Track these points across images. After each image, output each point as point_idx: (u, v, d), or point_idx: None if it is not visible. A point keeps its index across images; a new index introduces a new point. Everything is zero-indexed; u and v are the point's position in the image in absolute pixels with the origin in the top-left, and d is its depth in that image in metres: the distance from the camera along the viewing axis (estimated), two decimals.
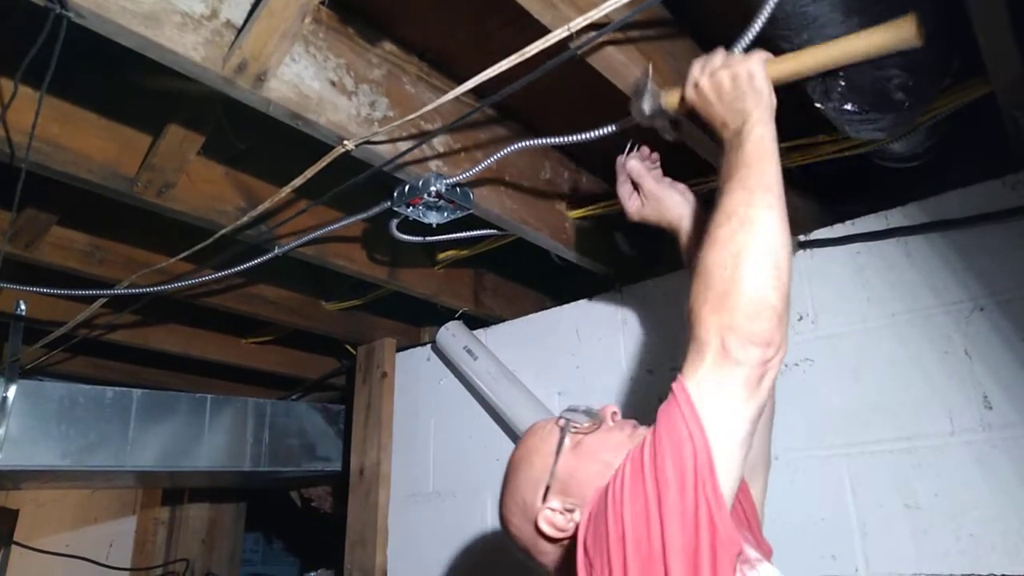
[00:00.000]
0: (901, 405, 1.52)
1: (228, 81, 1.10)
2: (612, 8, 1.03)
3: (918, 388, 1.51)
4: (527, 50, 1.06)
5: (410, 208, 1.45)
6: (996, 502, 1.38)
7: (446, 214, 1.48)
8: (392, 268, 2.02)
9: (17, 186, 1.31)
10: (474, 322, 2.36)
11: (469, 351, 2.22)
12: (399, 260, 2.03)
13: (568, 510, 0.98)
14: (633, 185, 1.29)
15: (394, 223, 1.59)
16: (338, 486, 3.01)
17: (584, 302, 2.14)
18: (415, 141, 1.33)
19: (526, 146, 1.35)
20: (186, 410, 2.43)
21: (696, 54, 1.07)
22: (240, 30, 1.10)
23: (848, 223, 1.68)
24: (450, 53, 1.44)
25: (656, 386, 1.89)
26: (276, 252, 1.64)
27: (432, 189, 1.37)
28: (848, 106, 1.26)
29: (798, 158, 1.49)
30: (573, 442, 1.02)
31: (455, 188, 1.42)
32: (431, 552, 2.24)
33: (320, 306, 2.39)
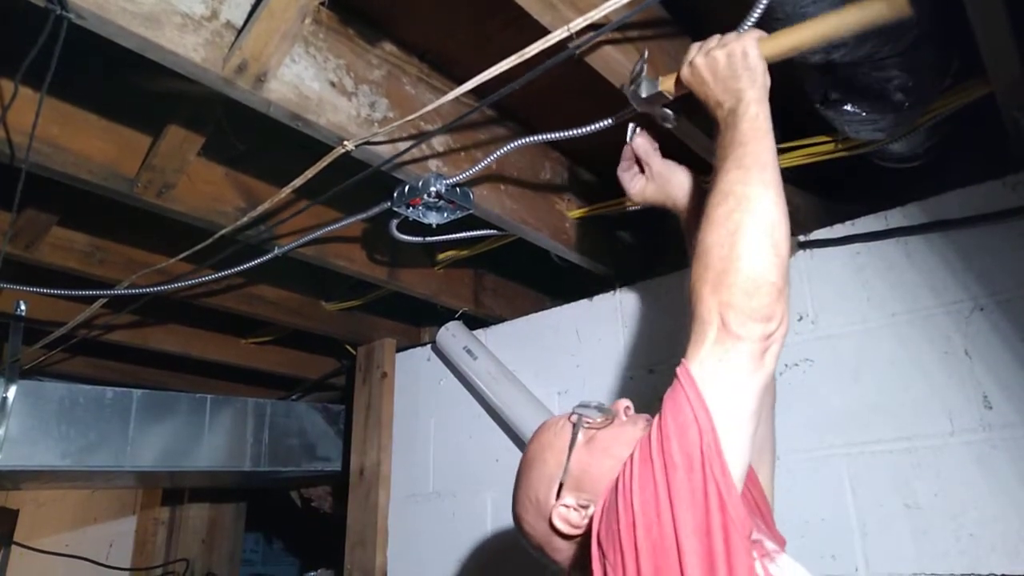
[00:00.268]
0: (901, 405, 1.52)
1: (228, 82, 1.10)
2: (611, 8, 1.03)
3: (918, 388, 1.51)
4: (527, 51, 1.06)
5: (410, 208, 1.45)
6: (996, 502, 1.38)
7: (446, 214, 1.48)
8: (392, 268, 2.02)
9: (17, 187, 1.31)
10: (474, 322, 2.36)
11: (469, 351, 2.22)
12: (399, 260, 2.03)
13: (582, 506, 0.97)
14: (639, 167, 1.28)
15: (394, 223, 1.59)
16: (338, 486, 3.02)
17: (584, 302, 2.14)
18: (415, 142, 1.33)
19: (525, 143, 1.34)
20: (186, 410, 2.43)
21: None
22: (240, 31, 1.10)
23: (848, 223, 1.68)
24: (450, 54, 1.44)
25: (657, 386, 1.88)
26: (276, 252, 1.64)
27: (432, 189, 1.37)
28: (848, 107, 1.26)
29: (798, 158, 1.49)
30: (586, 437, 1.02)
31: (455, 188, 1.42)
32: (431, 552, 2.24)
33: (320, 306, 2.39)
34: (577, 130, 1.24)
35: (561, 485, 0.99)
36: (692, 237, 0.94)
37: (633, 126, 1.27)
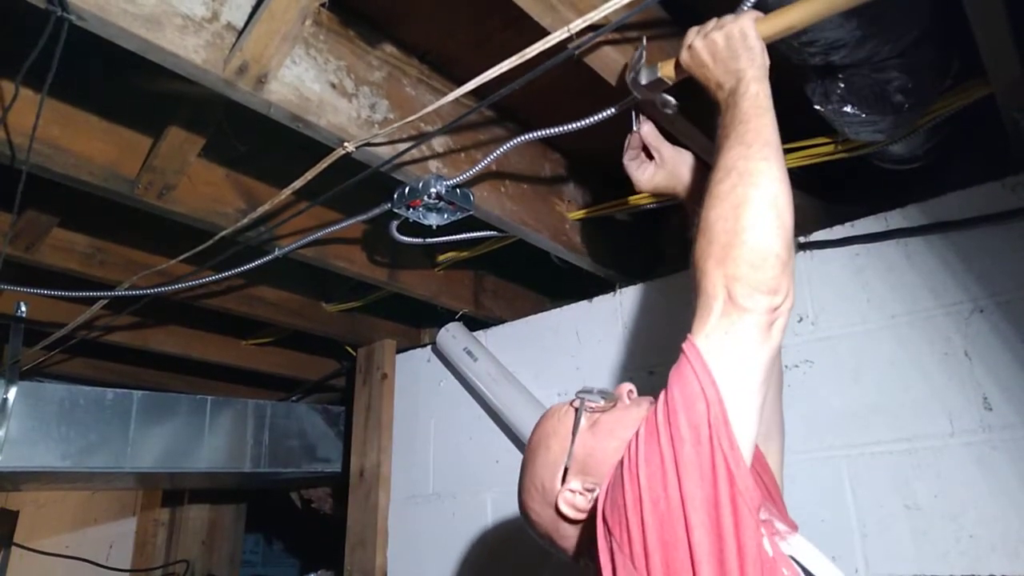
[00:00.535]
0: (901, 406, 1.52)
1: (229, 83, 1.10)
2: (611, 9, 1.03)
3: (918, 389, 1.51)
4: (527, 51, 1.06)
5: (410, 210, 1.45)
6: (996, 503, 1.38)
7: (446, 216, 1.48)
8: (392, 270, 2.02)
9: (18, 188, 1.31)
10: (474, 323, 2.36)
11: (469, 352, 2.23)
12: (399, 262, 2.04)
13: (588, 490, 0.97)
14: (646, 155, 1.27)
15: (394, 225, 1.59)
16: (338, 487, 3.01)
17: (584, 303, 2.14)
18: (415, 143, 1.33)
19: (525, 140, 1.34)
20: (186, 411, 2.43)
21: None
22: (241, 32, 1.10)
23: (848, 225, 1.68)
24: (450, 55, 1.45)
25: (657, 387, 1.87)
26: (276, 254, 1.64)
27: (432, 191, 1.38)
28: (848, 108, 1.26)
29: (798, 159, 1.49)
30: (589, 422, 1.01)
31: (455, 190, 1.42)
32: (431, 553, 2.24)
33: (320, 308, 2.39)
34: (577, 123, 1.23)
35: (566, 470, 0.99)
36: (697, 220, 0.94)
37: (635, 115, 1.26)
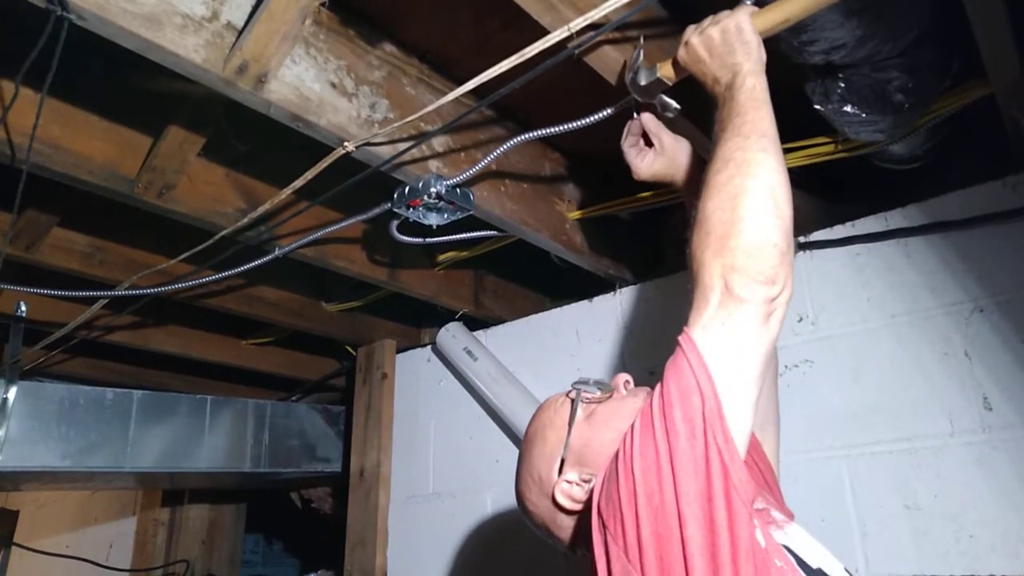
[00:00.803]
0: (901, 406, 1.52)
1: (229, 83, 1.10)
2: (611, 8, 1.03)
3: (918, 389, 1.51)
4: (527, 51, 1.06)
5: (410, 209, 1.45)
6: (996, 503, 1.38)
7: (446, 215, 1.48)
8: (392, 269, 2.02)
9: (18, 188, 1.31)
10: (474, 323, 2.36)
11: (469, 352, 2.22)
12: (399, 261, 2.04)
13: (584, 481, 0.97)
14: (645, 142, 1.27)
15: (394, 224, 1.59)
16: (338, 487, 3.01)
17: (584, 303, 2.14)
18: (415, 142, 1.33)
19: (524, 140, 1.34)
20: (186, 411, 2.43)
21: None
22: (241, 32, 1.10)
23: (848, 224, 1.68)
24: (450, 55, 1.45)
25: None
26: (276, 253, 1.64)
27: (432, 190, 1.38)
28: (848, 108, 1.26)
29: (798, 159, 1.49)
30: (586, 412, 1.01)
31: (455, 189, 1.42)
32: (431, 553, 2.24)
33: (320, 307, 2.39)
34: (576, 123, 1.23)
35: (563, 461, 0.99)
36: (694, 209, 0.95)
37: (636, 103, 1.26)
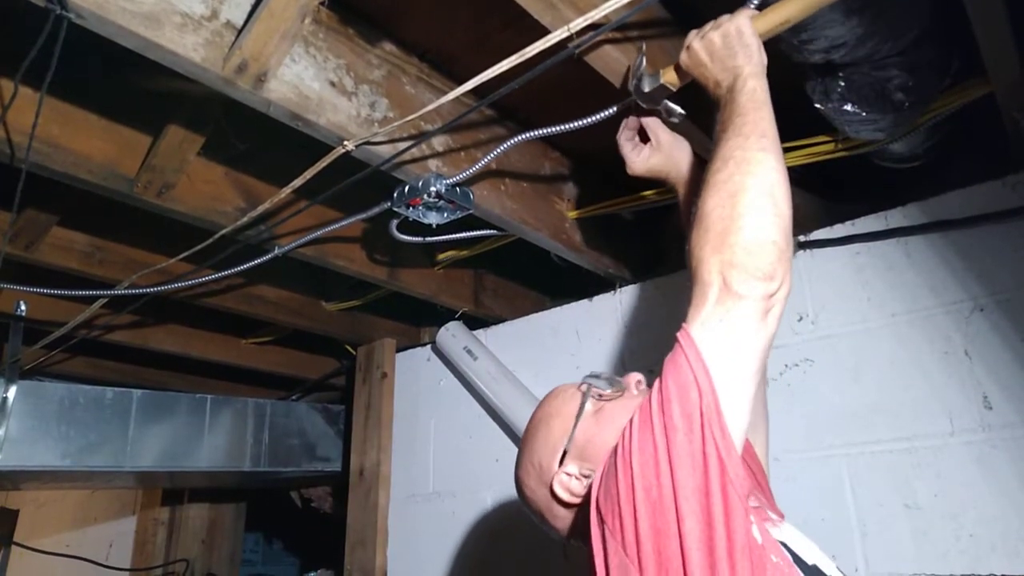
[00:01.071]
0: (901, 405, 1.52)
1: (228, 82, 1.10)
2: (611, 8, 1.03)
3: (918, 388, 1.51)
4: (527, 50, 1.06)
5: (410, 208, 1.44)
6: (996, 502, 1.38)
7: (446, 214, 1.48)
8: (392, 268, 2.02)
9: (17, 187, 1.31)
10: (474, 322, 2.36)
11: (469, 351, 2.22)
12: (399, 260, 2.03)
13: (584, 475, 0.97)
14: (642, 137, 1.27)
15: (394, 223, 1.59)
16: (338, 486, 3.01)
17: (584, 302, 2.14)
18: (415, 141, 1.33)
19: (524, 139, 1.34)
20: (186, 410, 2.43)
21: None
22: (240, 31, 1.10)
23: (848, 223, 1.68)
24: (450, 54, 1.44)
25: None
26: (276, 252, 1.64)
27: (432, 189, 1.37)
28: (848, 107, 1.26)
29: (798, 158, 1.49)
30: (594, 408, 1.02)
31: (455, 188, 1.42)
32: (431, 553, 2.24)
33: (320, 306, 2.39)
34: (576, 123, 1.23)
35: (565, 453, 0.99)
36: (692, 207, 0.95)
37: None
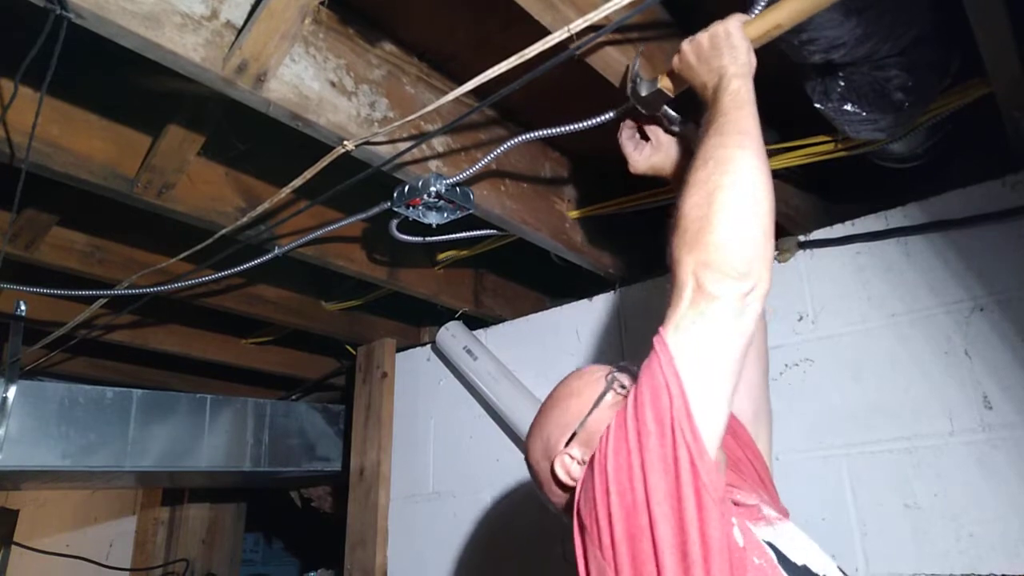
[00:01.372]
0: (901, 405, 1.52)
1: (228, 82, 1.09)
2: (612, 9, 1.03)
3: (918, 388, 1.51)
4: (527, 52, 1.06)
5: (410, 208, 1.44)
6: (996, 502, 1.38)
7: (446, 214, 1.48)
8: (392, 268, 2.02)
9: (17, 187, 1.31)
10: (474, 322, 2.36)
11: (469, 351, 2.22)
12: (399, 260, 2.03)
13: (585, 462, 0.98)
14: (643, 135, 1.27)
15: (394, 223, 1.59)
16: (338, 486, 3.01)
17: (584, 302, 2.14)
18: (415, 142, 1.33)
19: (524, 140, 1.35)
20: (186, 410, 2.43)
21: None
22: (240, 31, 1.10)
23: (848, 223, 1.68)
24: (450, 54, 1.44)
25: None
26: (276, 252, 1.64)
27: (432, 189, 1.37)
28: (848, 106, 1.26)
29: (798, 158, 1.49)
30: (613, 400, 1.03)
31: (455, 188, 1.42)
32: (431, 552, 2.24)
33: (320, 306, 2.39)
34: (576, 124, 1.24)
35: (574, 435, 1.01)
36: (675, 211, 0.96)
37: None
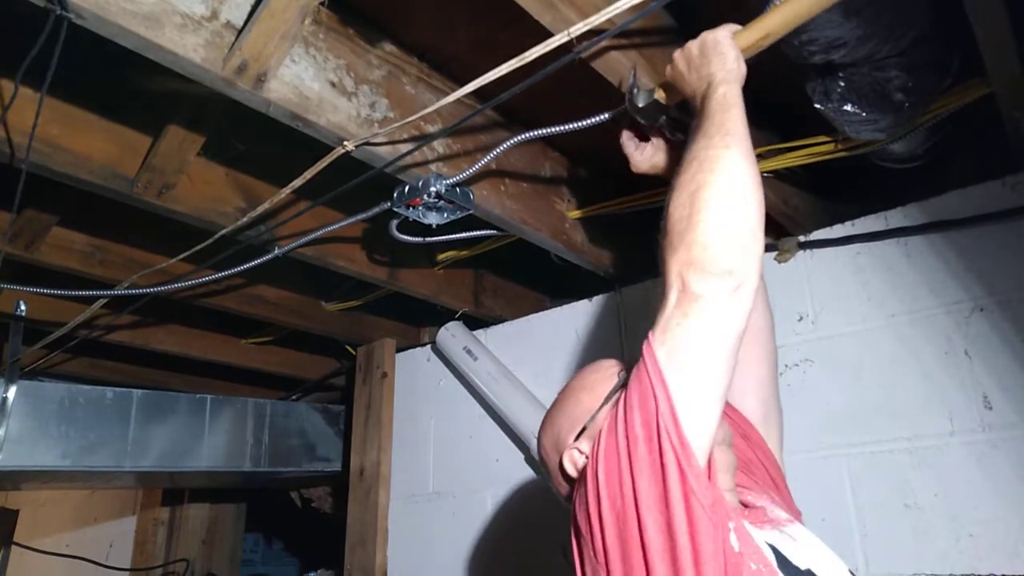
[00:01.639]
0: (901, 405, 1.52)
1: (228, 82, 1.09)
2: (614, 13, 1.03)
3: (918, 388, 1.51)
4: (527, 54, 1.06)
5: (410, 209, 1.44)
6: (996, 502, 1.39)
7: (446, 215, 1.48)
8: (392, 268, 2.02)
9: (18, 187, 1.31)
10: (474, 322, 2.36)
11: (469, 351, 2.22)
12: (399, 261, 2.03)
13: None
14: (640, 137, 1.27)
15: (394, 224, 1.59)
16: (338, 486, 3.01)
17: (584, 302, 2.14)
18: (415, 142, 1.33)
19: (524, 139, 1.34)
20: (186, 410, 2.43)
21: None
22: (240, 31, 1.10)
23: (848, 223, 1.68)
24: (450, 54, 1.44)
25: None
26: (276, 253, 1.64)
27: (432, 190, 1.37)
28: (848, 107, 1.26)
29: (798, 158, 1.49)
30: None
31: (455, 188, 1.42)
32: (431, 553, 2.24)
33: (320, 307, 2.39)
34: (575, 124, 1.24)
35: (583, 430, 1.01)
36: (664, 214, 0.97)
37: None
